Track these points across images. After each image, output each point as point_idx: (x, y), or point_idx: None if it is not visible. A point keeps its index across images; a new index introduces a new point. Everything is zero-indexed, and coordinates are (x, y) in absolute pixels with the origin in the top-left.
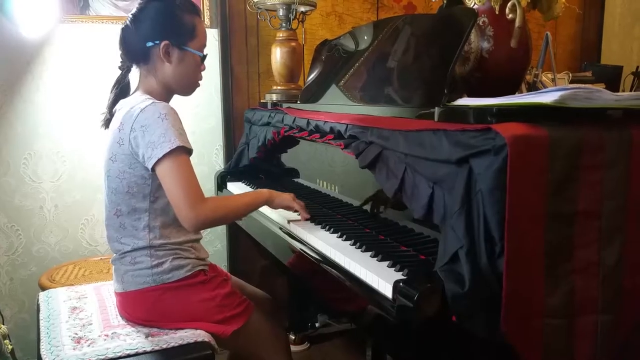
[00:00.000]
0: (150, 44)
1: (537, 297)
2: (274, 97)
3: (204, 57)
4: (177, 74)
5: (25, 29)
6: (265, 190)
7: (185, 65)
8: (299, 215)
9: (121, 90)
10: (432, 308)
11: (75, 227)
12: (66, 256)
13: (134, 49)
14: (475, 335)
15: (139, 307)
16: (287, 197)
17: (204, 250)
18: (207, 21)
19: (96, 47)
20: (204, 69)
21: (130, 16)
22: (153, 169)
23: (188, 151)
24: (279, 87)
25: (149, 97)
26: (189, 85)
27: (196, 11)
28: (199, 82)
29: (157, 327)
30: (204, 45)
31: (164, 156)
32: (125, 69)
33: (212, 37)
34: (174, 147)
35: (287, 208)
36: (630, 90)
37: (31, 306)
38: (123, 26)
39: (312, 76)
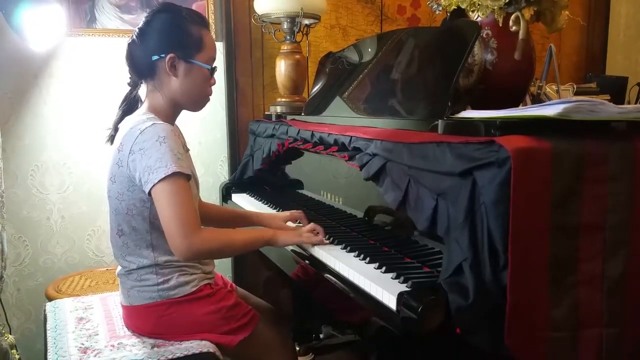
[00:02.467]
0: (155, 57)
1: (541, 309)
2: (279, 109)
3: (212, 70)
4: (183, 88)
5: (32, 42)
6: (268, 229)
7: (191, 78)
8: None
9: (129, 106)
10: (436, 320)
11: (82, 238)
12: (72, 267)
13: (139, 63)
14: (479, 348)
15: (145, 321)
16: (292, 236)
17: (210, 261)
18: (212, 34)
19: (103, 60)
20: (214, 83)
21: (137, 30)
22: (150, 193)
23: (185, 176)
24: (283, 99)
25: (152, 116)
26: (197, 99)
27: (203, 23)
28: (209, 96)
29: (163, 339)
30: (213, 58)
31: (160, 181)
32: (133, 85)
33: (217, 50)
34: (169, 172)
35: (299, 244)
36: (636, 102)
37: (38, 316)
38: (130, 41)
39: (316, 88)
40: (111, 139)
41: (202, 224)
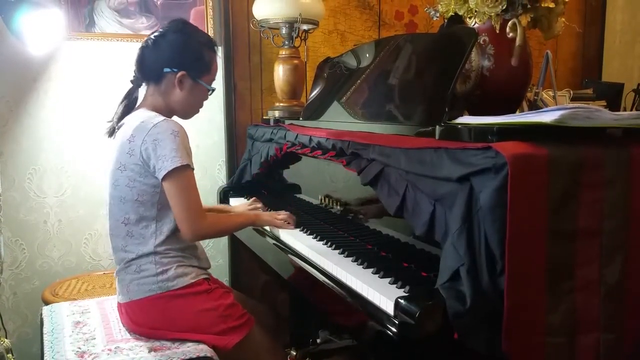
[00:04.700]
0: (167, 70)
1: (539, 314)
2: (277, 113)
3: (213, 90)
4: (184, 102)
5: (31, 46)
6: (252, 213)
7: (194, 95)
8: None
9: (130, 102)
10: (434, 325)
11: (79, 242)
12: (69, 271)
13: (149, 69)
14: (476, 353)
15: (145, 315)
16: (269, 219)
17: (206, 260)
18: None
19: (101, 64)
20: (207, 99)
21: (153, 37)
22: (162, 180)
23: (193, 169)
24: (281, 104)
25: (157, 114)
26: (190, 111)
27: (215, 49)
28: (199, 109)
29: (161, 337)
30: (214, 80)
31: (172, 171)
32: (136, 85)
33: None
34: (184, 163)
35: (272, 225)
36: (632, 108)
37: (34, 320)
38: (143, 45)
39: (314, 93)
40: (110, 132)
41: None
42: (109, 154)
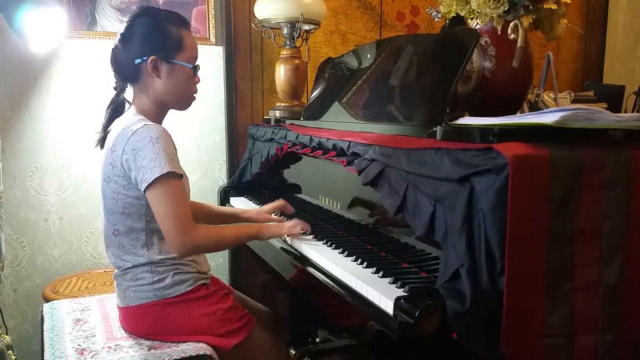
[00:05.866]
0: (138, 60)
1: (538, 315)
2: (278, 113)
3: (195, 68)
4: (167, 88)
5: (33, 44)
6: (255, 225)
7: (175, 78)
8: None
9: (116, 109)
10: (433, 325)
11: (80, 240)
12: (70, 268)
13: (124, 67)
14: (475, 353)
15: (141, 322)
16: (276, 229)
17: (206, 263)
18: (212, 39)
19: (103, 63)
20: (198, 81)
21: (119, 36)
22: (145, 191)
23: (179, 176)
24: (282, 104)
25: (142, 117)
26: (182, 99)
27: (184, 24)
28: (194, 95)
29: (159, 341)
30: (195, 57)
31: (154, 181)
32: (119, 89)
33: (217, 55)
34: (164, 172)
35: (280, 236)
36: (633, 110)
37: (34, 317)
38: (113, 46)
39: (315, 93)
40: (101, 141)
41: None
42: (100, 161)
